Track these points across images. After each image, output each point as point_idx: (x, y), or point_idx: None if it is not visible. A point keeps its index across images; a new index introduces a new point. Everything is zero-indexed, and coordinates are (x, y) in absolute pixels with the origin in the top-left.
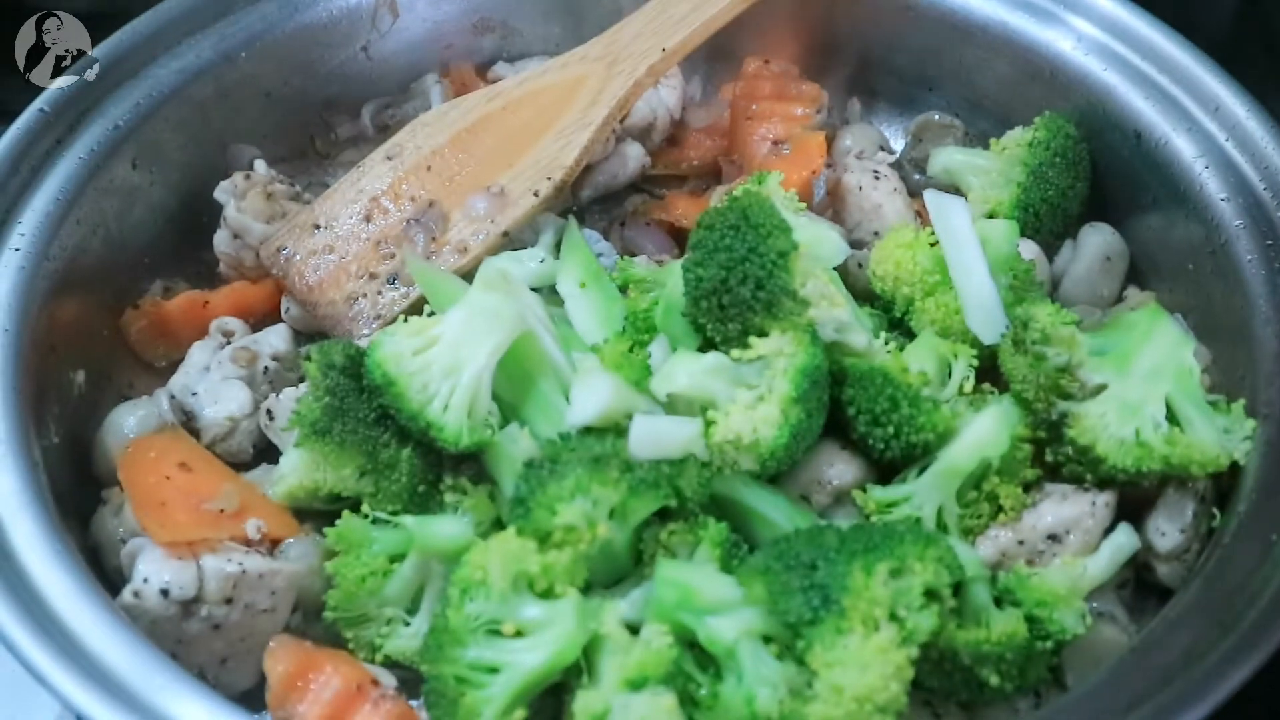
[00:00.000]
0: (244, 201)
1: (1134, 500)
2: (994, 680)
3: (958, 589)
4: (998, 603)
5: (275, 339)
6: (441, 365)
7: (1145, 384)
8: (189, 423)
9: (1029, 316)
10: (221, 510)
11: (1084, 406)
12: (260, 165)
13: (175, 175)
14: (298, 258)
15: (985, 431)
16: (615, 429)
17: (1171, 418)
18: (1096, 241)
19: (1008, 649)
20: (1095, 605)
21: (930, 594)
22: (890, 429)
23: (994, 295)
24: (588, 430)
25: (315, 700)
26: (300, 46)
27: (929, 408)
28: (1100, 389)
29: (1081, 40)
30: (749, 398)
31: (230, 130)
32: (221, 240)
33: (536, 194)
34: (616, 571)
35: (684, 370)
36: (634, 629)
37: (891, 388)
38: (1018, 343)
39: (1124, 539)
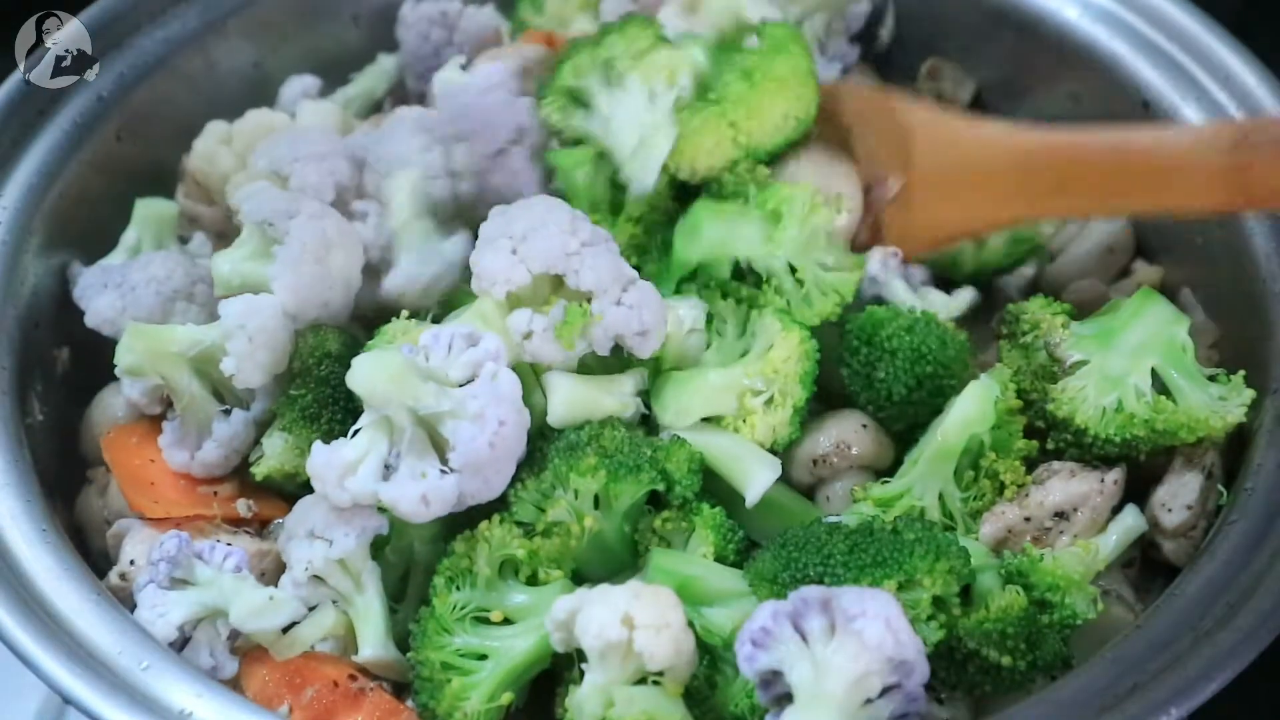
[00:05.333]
0: None
1: (1144, 479)
2: (1005, 660)
3: (967, 588)
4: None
5: None
6: None
7: (1129, 357)
8: None
9: (1021, 310)
10: (215, 493)
11: (1062, 382)
12: None
13: (161, 148)
14: None
15: (969, 408)
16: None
17: (1165, 391)
18: (1105, 229)
19: (1007, 623)
20: (1101, 584)
21: (938, 601)
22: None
23: None
24: None
25: (297, 706)
26: (289, 15)
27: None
28: (1080, 365)
29: (1087, 8)
30: (758, 404)
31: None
32: None
33: None
34: (614, 564)
35: (699, 399)
36: None
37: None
38: (1011, 335)
39: (1132, 520)
